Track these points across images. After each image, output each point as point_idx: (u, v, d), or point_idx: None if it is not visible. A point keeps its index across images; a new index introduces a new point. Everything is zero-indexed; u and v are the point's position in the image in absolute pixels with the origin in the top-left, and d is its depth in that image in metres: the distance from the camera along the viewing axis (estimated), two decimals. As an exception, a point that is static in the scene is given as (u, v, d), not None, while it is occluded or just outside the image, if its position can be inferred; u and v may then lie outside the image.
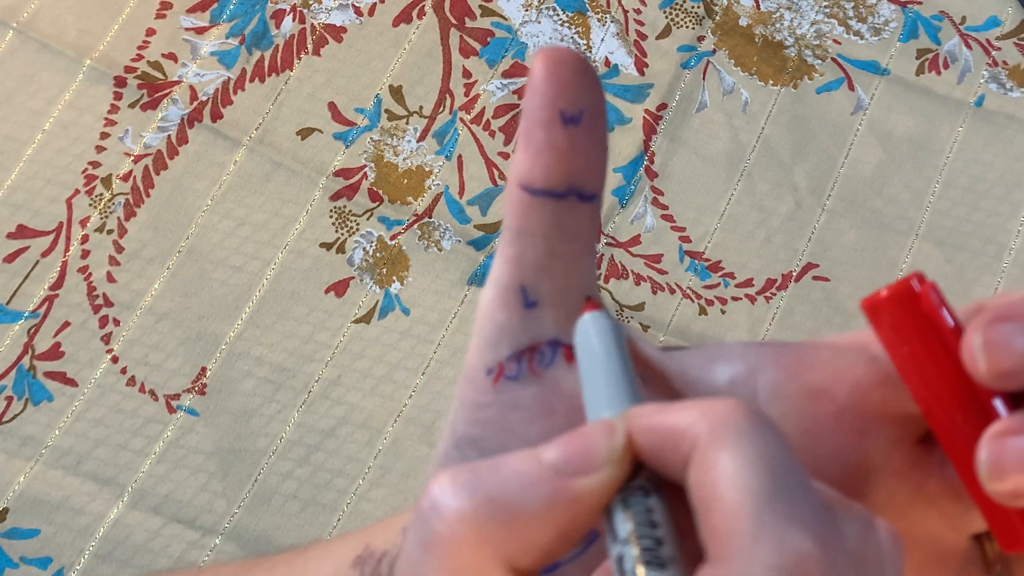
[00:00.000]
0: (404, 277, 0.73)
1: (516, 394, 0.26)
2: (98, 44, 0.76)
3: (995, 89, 0.78)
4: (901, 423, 0.26)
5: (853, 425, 0.26)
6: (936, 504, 0.26)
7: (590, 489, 0.22)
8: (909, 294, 0.25)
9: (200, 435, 0.69)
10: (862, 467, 0.26)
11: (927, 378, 0.25)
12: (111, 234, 0.72)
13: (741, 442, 0.21)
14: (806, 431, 0.26)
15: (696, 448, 0.22)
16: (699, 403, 0.22)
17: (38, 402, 0.69)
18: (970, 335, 0.24)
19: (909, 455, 0.27)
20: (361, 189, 0.74)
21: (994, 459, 0.23)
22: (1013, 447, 0.23)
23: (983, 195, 0.76)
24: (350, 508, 0.69)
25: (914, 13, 0.79)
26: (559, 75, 0.26)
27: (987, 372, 0.24)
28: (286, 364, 0.71)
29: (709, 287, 0.74)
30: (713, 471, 0.21)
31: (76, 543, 0.67)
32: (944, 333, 0.25)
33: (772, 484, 0.21)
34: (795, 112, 0.77)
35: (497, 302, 0.27)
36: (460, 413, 0.27)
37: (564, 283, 0.27)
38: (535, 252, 0.26)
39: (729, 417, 0.21)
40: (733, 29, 0.79)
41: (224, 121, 0.75)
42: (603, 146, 0.27)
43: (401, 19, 0.78)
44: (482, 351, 0.27)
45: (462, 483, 0.22)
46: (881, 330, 0.26)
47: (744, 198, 0.75)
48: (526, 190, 0.26)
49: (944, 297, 0.25)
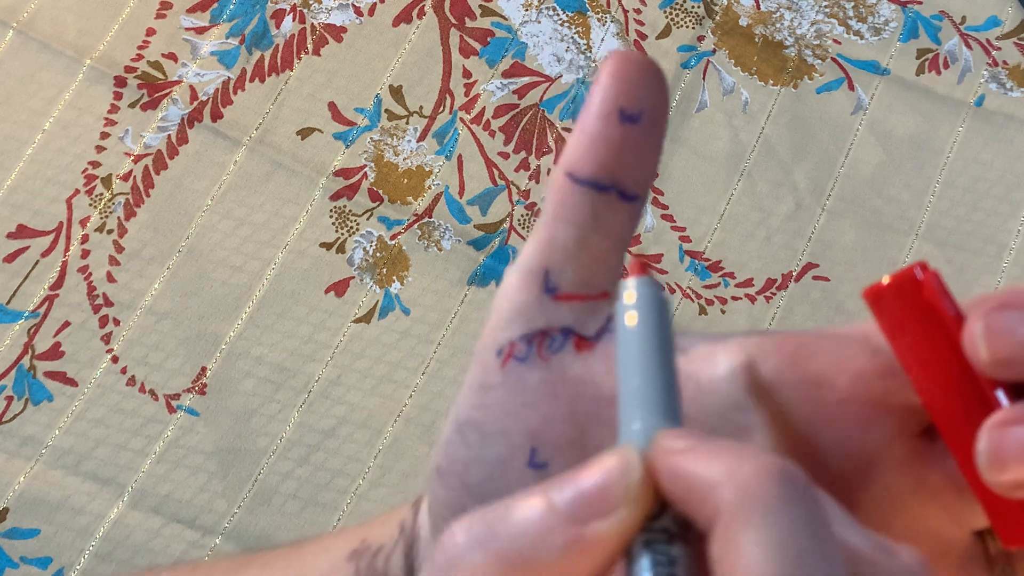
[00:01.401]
0: (404, 277, 0.73)
1: (522, 377, 0.26)
2: (98, 44, 0.76)
3: (995, 89, 0.78)
4: (903, 414, 0.26)
5: (855, 415, 0.26)
6: (937, 497, 0.26)
7: (607, 534, 0.21)
8: (911, 283, 0.25)
9: (200, 435, 0.69)
10: (863, 458, 0.26)
11: (928, 367, 0.25)
12: (111, 234, 0.72)
13: (767, 523, 0.19)
14: (807, 421, 0.26)
15: (719, 517, 0.20)
16: (730, 455, 0.21)
17: (38, 402, 0.69)
18: (971, 323, 0.24)
19: (911, 447, 0.26)
20: (361, 189, 0.74)
21: (994, 449, 0.23)
22: (1013, 437, 0.23)
23: (983, 195, 0.76)
24: (350, 508, 0.69)
25: (914, 13, 0.79)
26: (626, 73, 0.26)
27: (988, 360, 0.24)
28: (286, 364, 0.71)
29: (709, 287, 0.74)
30: (734, 552, 0.19)
31: (76, 543, 0.67)
32: (946, 322, 0.25)
33: (796, 573, 0.19)
34: (795, 112, 0.77)
35: (519, 282, 0.27)
36: (466, 397, 0.27)
37: (588, 276, 0.27)
38: (566, 239, 0.27)
39: (758, 486, 0.20)
40: (733, 29, 0.78)
41: (224, 121, 0.75)
42: (656, 151, 0.27)
43: (401, 19, 0.78)
44: (495, 331, 0.27)
45: (476, 536, 0.21)
46: (883, 319, 0.26)
47: (744, 198, 0.75)
48: (570, 176, 0.26)
49: (946, 286, 0.25)
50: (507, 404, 0.26)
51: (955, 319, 0.25)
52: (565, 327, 0.27)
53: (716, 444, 0.21)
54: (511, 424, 0.26)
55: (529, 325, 0.27)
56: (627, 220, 0.27)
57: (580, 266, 0.27)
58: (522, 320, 0.27)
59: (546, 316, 0.27)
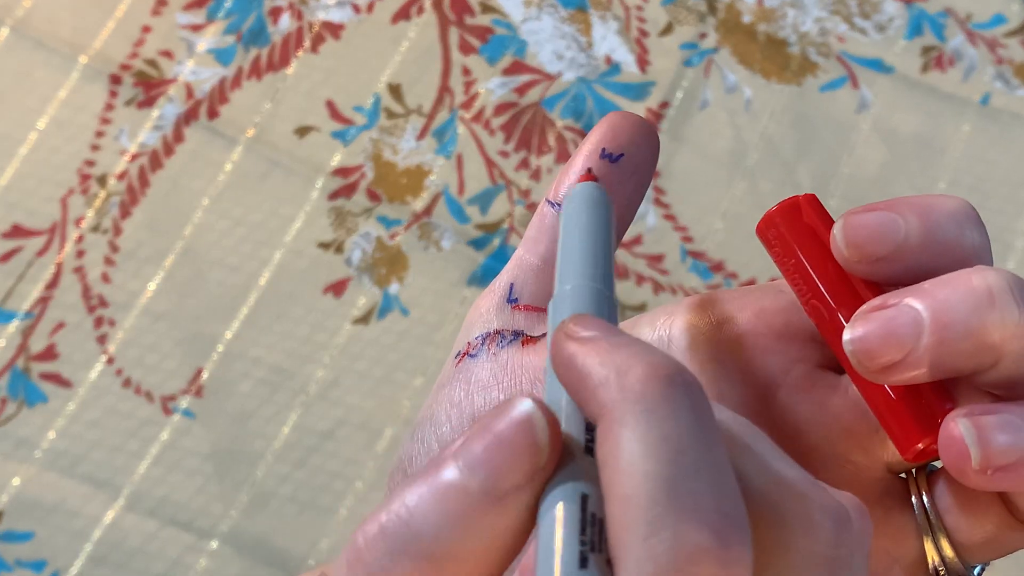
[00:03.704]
0: (403, 277, 0.72)
1: (472, 372, 0.28)
2: (93, 41, 0.76)
3: (1001, 87, 0.77)
4: (803, 344, 0.28)
5: (754, 345, 0.27)
6: (840, 422, 0.27)
7: (519, 498, 0.20)
8: (794, 208, 0.27)
9: (197, 437, 0.69)
10: (762, 383, 0.27)
11: (810, 280, 0.26)
12: (106, 234, 0.72)
13: (648, 420, 0.19)
14: (710, 358, 0.27)
15: (602, 416, 0.20)
16: (625, 353, 0.20)
17: (33, 403, 0.69)
18: (835, 225, 0.26)
19: (811, 372, 0.27)
20: (359, 188, 0.73)
21: (856, 337, 0.24)
22: (876, 318, 0.24)
23: (988, 194, 0.75)
24: (348, 511, 0.68)
25: (919, 10, 0.79)
26: (616, 124, 0.29)
27: (848, 254, 0.26)
28: (284, 365, 0.70)
29: (712, 287, 0.73)
30: (615, 450, 0.19)
31: (71, 546, 0.67)
32: (824, 238, 0.27)
33: (676, 471, 0.19)
34: (799, 110, 0.76)
35: (486, 294, 0.30)
36: (425, 403, 0.29)
37: (550, 291, 0.28)
38: (534, 256, 0.29)
39: (643, 389, 0.20)
40: (736, 26, 0.78)
41: (221, 119, 0.74)
42: (634, 193, 0.29)
43: (400, 16, 0.78)
44: (458, 339, 0.30)
45: (384, 533, 0.20)
46: (772, 248, 0.28)
47: (747, 197, 0.75)
48: (547, 201, 0.29)
49: (825, 209, 0.27)
50: (455, 396, 0.28)
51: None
52: (518, 330, 0.29)
53: (618, 339, 0.21)
54: (455, 413, 0.28)
55: (487, 328, 0.29)
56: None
57: (543, 283, 0.29)
58: (481, 324, 0.29)
59: (502, 321, 0.29)
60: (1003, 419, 0.24)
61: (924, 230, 0.25)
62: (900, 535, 0.27)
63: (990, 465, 0.24)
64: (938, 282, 0.24)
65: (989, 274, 0.24)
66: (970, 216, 0.26)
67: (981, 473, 0.24)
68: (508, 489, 0.20)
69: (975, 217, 0.26)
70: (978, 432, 0.24)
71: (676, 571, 0.18)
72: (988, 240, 0.26)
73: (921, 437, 0.25)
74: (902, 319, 0.24)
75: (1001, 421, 0.24)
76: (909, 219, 0.25)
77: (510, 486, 0.20)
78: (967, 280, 0.24)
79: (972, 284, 0.24)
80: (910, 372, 0.24)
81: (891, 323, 0.24)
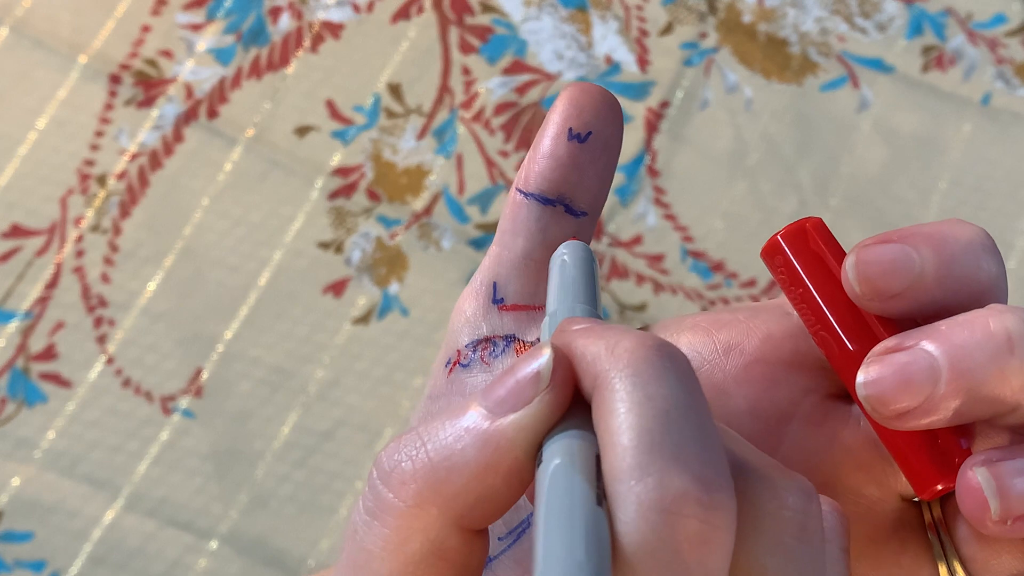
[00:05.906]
0: (403, 277, 0.72)
1: (465, 382, 0.28)
2: (93, 41, 0.76)
3: (1001, 87, 0.77)
4: (812, 373, 0.27)
5: (763, 376, 0.27)
6: (853, 455, 0.26)
7: (520, 425, 0.21)
8: (800, 233, 0.26)
9: (196, 437, 0.69)
10: (773, 416, 0.27)
11: (819, 311, 0.26)
12: (106, 234, 0.72)
13: (637, 383, 0.20)
14: (715, 386, 0.27)
15: (597, 387, 0.21)
16: (612, 333, 0.21)
17: (32, 403, 0.69)
18: (846, 258, 0.25)
19: (821, 404, 0.27)
20: (359, 188, 0.73)
21: (870, 380, 0.24)
22: (891, 363, 0.24)
23: (989, 193, 0.75)
24: (348, 511, 0.68)
25: (919, 10, 0.79)
26: (578, 100, 0.28)
27: (860, 291, 0.25)
28: (283, 365, 0.70)
29: (712, 287, 0.73)
30: (607, 414, 0.20)
31: (71, 546, 0.67)
32: (833, 267, 0.26)
33: (661, 425, 0.20)
34: (799, 110, 0.76)
35: (469, 295, 0.29)
36: (417, 411, 0.29)
37: (534, 288, 0.28)
38: (513, 252, 0.28)
39: (631, 357, 0.21)
40: (736, 26, 0.78)
41: (220, 119, 0.74)
42: (605, 170, 0.28)
43: (400, 16, 0.77)
44: (446, 344, 0.29)
45: (405, 445, 0.22)
46: (777, 273, 0.27)
47: (747, 197, 0.75)
48: (518, 191, 0.28)
49: (831, 234, 0.27)
50: (447, 407, 0.28)
51: (840, 263, 0.26)
52: (508, 335, 0.28)
53: (610, 326, 0.22)
54: None
55: (475, 334, 0.28)
56: (574, 235, 0.28)
57: (526, 279, 0.28)
58: (469, 329, 0.28)
59: (491, 325, 0.28)
60: (1022, 465, 0.23)
61: (939, 263, 0.24)
62: (915, 565, 0.26)
63: (1010, 515, 0.23)
64: (954, 324, 0.24)
65: (1007, 317, 0.23)
66: (986, 246, 0.25)
67: (1001, 523, 0.23)
68: (506, 411, 0.21)
69: (991, 246, 0.25)
70: (997, 482, 0.23)
71: (661, 512, 0.19)
72: (1004, 269, 0.25)
73: (939, 479, 0.24)
74: (918, 365, 0.23)
75: (1020, 468, 0.23)
76: (923, 252, 0.24)
77: (507, 408, 0.21)
78: (984, 323, 0.23)
79: (990, 329, 0.23)
80: (926, 419, 0.23)
81: (906, 369, 0.23)
